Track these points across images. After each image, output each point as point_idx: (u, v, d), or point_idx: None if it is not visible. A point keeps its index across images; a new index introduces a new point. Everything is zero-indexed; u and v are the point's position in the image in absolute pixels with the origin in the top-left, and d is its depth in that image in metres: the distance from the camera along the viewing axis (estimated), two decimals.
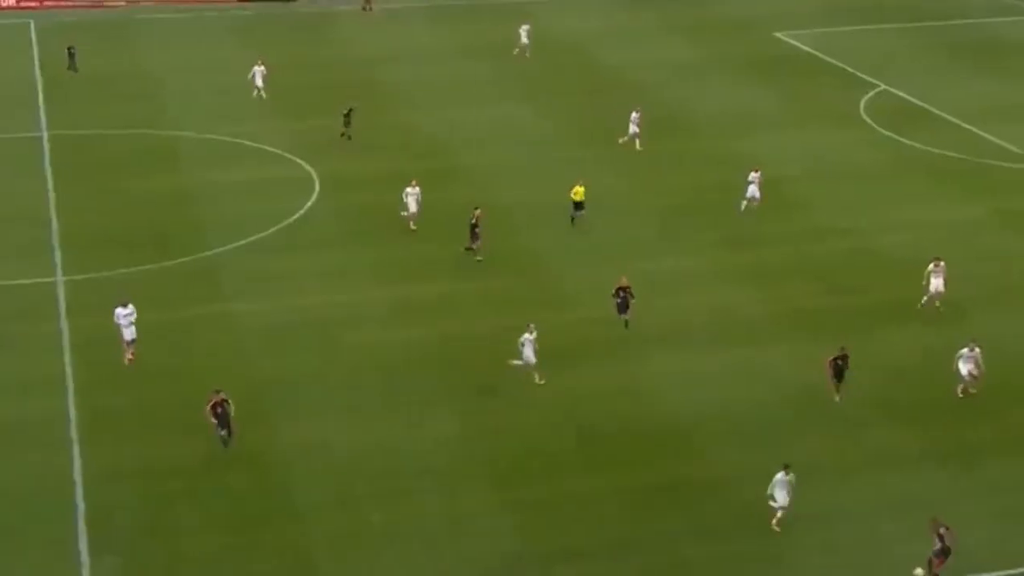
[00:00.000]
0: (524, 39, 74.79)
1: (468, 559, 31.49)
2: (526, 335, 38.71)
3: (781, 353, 40.78)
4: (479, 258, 47.19)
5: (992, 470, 34.79)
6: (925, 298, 42.87)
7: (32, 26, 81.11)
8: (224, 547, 31.72)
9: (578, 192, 49.39)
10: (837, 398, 37.68)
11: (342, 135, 59.90)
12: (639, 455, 35.67)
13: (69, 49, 70.15)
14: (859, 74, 71.54)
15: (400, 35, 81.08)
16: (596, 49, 76.40)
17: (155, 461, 35.24)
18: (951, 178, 56.07)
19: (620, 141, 58.80)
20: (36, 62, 73.07)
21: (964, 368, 37.46)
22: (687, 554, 31.66)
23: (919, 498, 33.47)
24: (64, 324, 42.69)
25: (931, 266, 42.93)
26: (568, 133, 62.00)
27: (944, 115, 64.31)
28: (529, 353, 38.67)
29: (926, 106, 65.78)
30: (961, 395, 37.70)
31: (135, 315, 39.73)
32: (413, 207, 49.63)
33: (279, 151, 59.04)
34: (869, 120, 63.77)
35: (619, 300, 41.38)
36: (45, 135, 61.23)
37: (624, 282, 41.51)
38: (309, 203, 53.08)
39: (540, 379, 38.86)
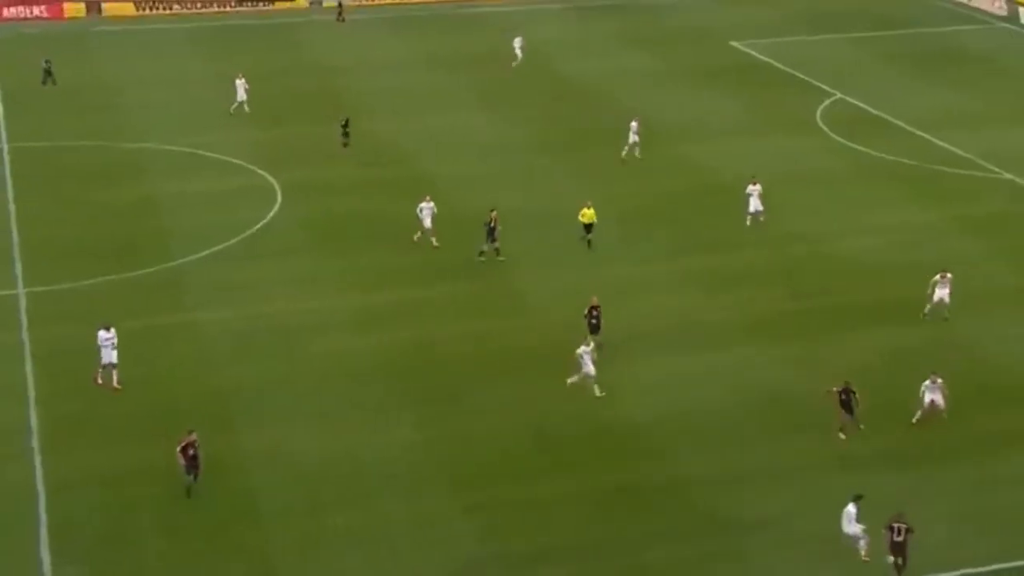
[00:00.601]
0: (519, 53, 74.79)
1: (432, 564, 31.62)
2: (583, 348, 38.57)
3: (743, 357, 41.15)
4: (501, 258, 47.76)
5: (950, 472, 35.17)
6: (928, 307, 43.14)
7: None
8: (188, 554, 31.72)
9: (586, 214, 48.67)
10: (842, 435, 36.58)
11: (344, 145, 60.09)
12: (601, 459, 35.93)
13: (45, 63, 69.63)
14: (815, 83, 72.29)
15: (366, 45, 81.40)
16: (556, 59, 76.79)
17: (118, 470, 35.23)
18: (906, 184, 56.75)
19: (623, 155, 58.87)
20: None
21: (929, 398, 36.76)
22: (650, 557, 31.85)
23: (879, 499, 33.76)
24: (25, 335, 42.63)
25: (937, 277, 43.12)
26: (530, 141, 62.33)
27: (899, 123, 65.09)
28: (589, 365, 38.42)
29: (881, 114, 66.55)
30: (916, 422, 37.00)
31: (116, 339, 38.96)
32: (428, 222, 49.01)
33: (241, 162, 59.11)
34: (825, 128, 64.47)
35: (593, 320, 40.90)
36: (5, 147, 61.05)
37: (595, 301, 41.20)
38: (272, 212, 53.19)
39: (600, 392, 38.59)
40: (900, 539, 30.50)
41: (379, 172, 58.19)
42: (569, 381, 38.76)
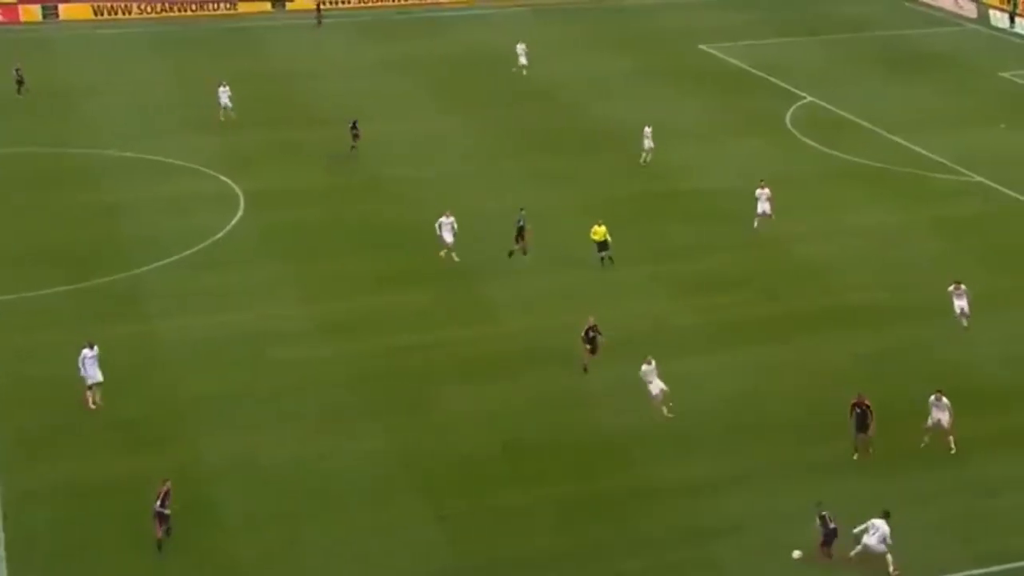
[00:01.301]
0: (523, 59, 73.96)
1: (402, 572, 31.04)
2: (644, 366, 37.53)
3: (715, 362, 40.65)
4: (526, 256, 47.25)
5: (922, 479, 34.70)
6: (966, 322, 42.48)
7: None
8: (152, 567, 30.96)
9: (597, 232, 47.29)
10: (855, 456, 35.36)
11: (352, 148, 59.33)
12: (572, 467, 35.34)
13: (16, 71, 68.45)
14: (785, 86, 72.05)
15: (335, 49, 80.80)
16: (515, 60, 76.09)
17: (79, 482, 34.43)
18: (877, 187, 56.48)
19: (642, 161, 58.25)
20: None
21: (936, 417, 35.56)
22: (622, 566, 31.30)
23: (852, 505, 33.32)
24: None
25: (951, 288, 42.58)
26: (497, 146, 61.82)
27: (870, 126, 64.86)
28: (656, 384, 37.44)
29: (852, 117, 66.31)
30: (924, 446, 35.92)
31: (99, 356, 37.74)
32: (449, 237, 47.60)
33: (203, 168, 58.26)
34: (795, 131, 64.17)
35: (588, 340, 39.70)
36: None
37: (592, 321, 39.97)
38: (234, 220, 52.34)
39: (669, 412, 37.52)
40: (834, 526, 30.71)
41: (343, 178, 57.43)
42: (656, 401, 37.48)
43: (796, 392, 39.05)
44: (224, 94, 64.48)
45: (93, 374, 37.65)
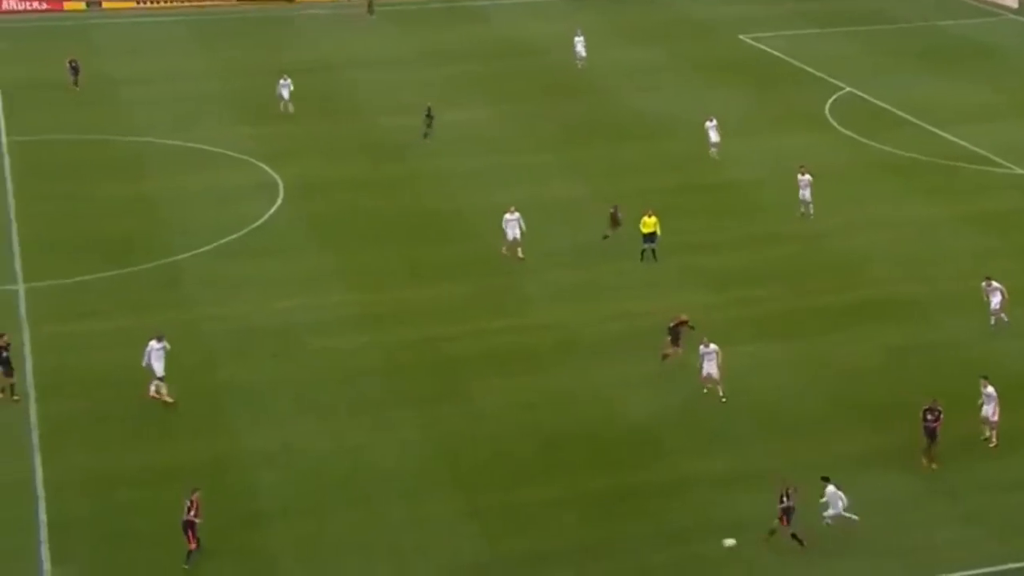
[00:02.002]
0: (581, 51, 73.17)
1: (434, 565, 31.26)
2: (702, 348, 37.94)
3: (746, 355, 40.55)
4: (606, 239, 47.68)
5: (956, 473, 34.68)
6: (994, 319, 42.24)
7: None
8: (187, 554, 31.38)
9: (647, 223, 47.16)
10: (924, 461, 34.77)
11: (424, 136, 59.73)
12: (602, 460, 35.53)
13: (71, 63, 69.10)
14: (824, 76, 71.72)
15: (379, 39, 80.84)
16: (559, 52, 76.22)
17: (118, 469, 34.92)
18: (916, 180, 56.22)
19: (711, 154, 58.03)
20: None
21: (987, 410, 35.49)
22: (652, 559, 31.48)
23: (883, 499, 33.45)
24: (25, 331, 42.22)
25: (983, 284, 42.35)
26: (531, 138, 61.85)
27: (909, 117, 64.47)
28: (711, 368, 37.79)
29: (891, 108, 65.96)
30: (986, 440, 35.85)
31: (168, 347, 37.98)
32: (514, 234, 47.06)
33: (244, 156, 58.72)
34: (834, 122, 63.93)
35: (673, 334, 39.52)
36: (4, 141, 60.67)
37: (683, 317, 39.86)
38: (273, 208, 52.78)
39: (723, 396, 38.00)
40: (790, 503, 31.10)
41: (384, 168, 57.74)
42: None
43: (827, 386, 39.07)
44: (285, 87, 64.70)
45: (157, 368, 37.74)
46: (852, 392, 38.73)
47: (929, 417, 34.49)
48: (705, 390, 38.22)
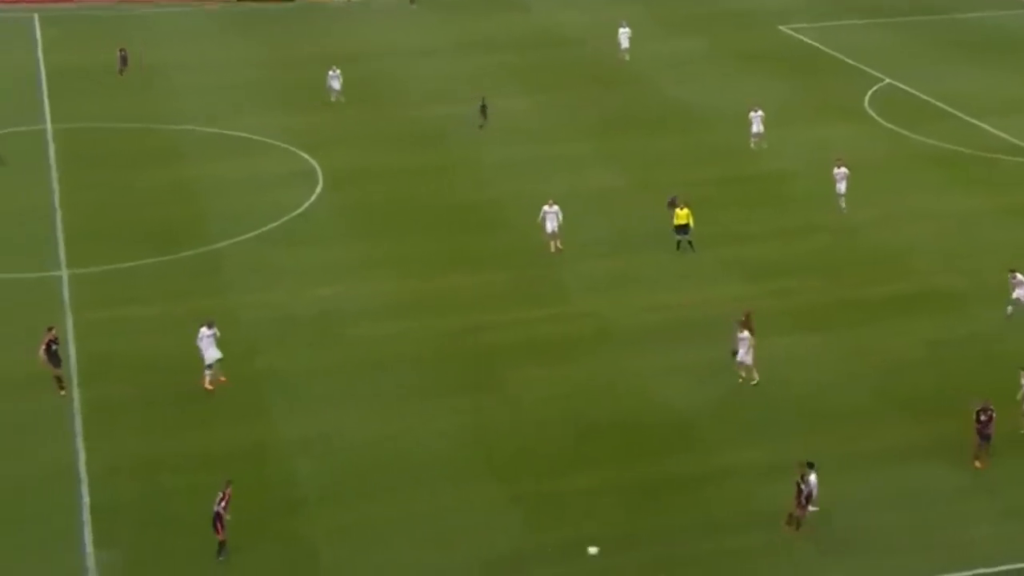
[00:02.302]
0: (625, 43, 72.83)
1: (472, 553, 31.43)
2: (739, 334, 38.26)
3: (783, 347, 40.58)
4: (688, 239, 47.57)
5: (996, 467, 34.52)
6: (1010, 308, 42.07)
7: (36, 20, 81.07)
8: (230, 539, 31.62)
9: (679, 215, 47.13)
10: (977, 464, 34.40)
11: (480, 127, 60.02)
12: (640, 449, 35.63)
13: (121, 52, 69.63)
14: (864, 68, 71.43)
15: (419, 29, 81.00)
16: (598, 43, 76.23)
17: (159, 454, 35.29)
18: (956, 172, 55.97)
19: (753, 146, 58.06)
20: (40, 55, 73.09)
21: None
22: (694, 548, 31.56)
23: (924, 493, 33.44)
24: (68, 317, 42.71)
25: (1009, 277, 42.24)
26: (570, 128, 61.93)
27: (950, 109, 64.17)
28: (744, 355, 38.07)
29: (932, 100, 65.64)
30: None
31: (219, 334, 38.42)
32: (552, 226, 46.96)
33: (284, 144, 59.09)
34: (874, 114, 63.69)
35: (742, 328, 39.10)
36: (49, 128, 61.27)
37: (748, 311, 39.59)
38: (313, 196, 53.11)
39: (755, 380, 38.31)
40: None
41: (423, 157, 57.96)
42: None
43: (866, 378, 39.00)
44: (334, 78, 64.91)
45: (211, 353, 38.14)
46: (891, 384, 38.68)
47: (983, 418, 34.13)
48: (740, 379, 38.28)
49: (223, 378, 38.46)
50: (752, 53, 74.81)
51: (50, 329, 37.92)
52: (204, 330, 38.34)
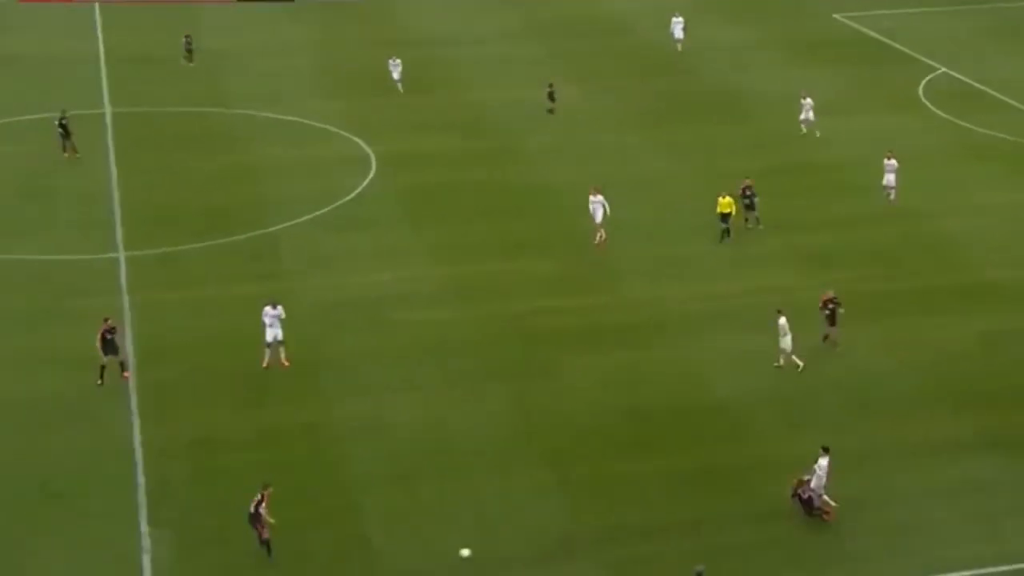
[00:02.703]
0: (679, 34, 72.23)
1: (521, 536, 31.73)
2: (781, 320, 38.51)
3: (835, 336, 40.57)
4: (761, 227, 47.79)
5: None
6: None
7: (96, 7, 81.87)
8: (280, 520, 31.94)
9: (722, 204, 47.02)
10: None
11: (549, 111, 60.37)
12: (689, 437, 35.80)
13: (186, 39, 70.34)
14: (919, 56, 70.90)
15: (461, 16, 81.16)
16: (647, 30, 76.06)
17: (213, 434, 35.84)
18: (1011, 162, 55.50)
19: (803, 131, 58.06)
20: (100, 41, 73.93)
21: None
22: (742, 536, 31.68)
23: (973, 484, 33.38)
24: (126, 299, 43.36)
25: None
26: (620, 115, 61.91)
27: (1004, 98, 63.63)
28: (783, 338, 38.35)
29: (988, 89, 65.09)
30: None
31: (284, 315, 38.97)
32: (598, 216, 46.79)
33: (337, 129, 59.51)
34: (928, 103, 63.24)
35: (827, 312, 39.83)
36: (108, 112, 62.02)
37: (830, 294, 39.99)
38: (366, 181, 53.50)
39: (790, 366, 38.64)
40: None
41: (474, 143, 58.21)
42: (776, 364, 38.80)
43: (918, 369, 38.91)
44: (395, 67, 65.16)
45: (275, 333, 38.76)
46: (944, 376, 38.57)
47: None
48: (777, 366, 38.47)
49: (286, 362, 38.90)
50: (806, 41, 74.39)
51: (106, 320, 38.42)
52: (268, 309, 38.93)
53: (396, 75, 65.07)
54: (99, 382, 37.93)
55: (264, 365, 38.78)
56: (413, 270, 45.59)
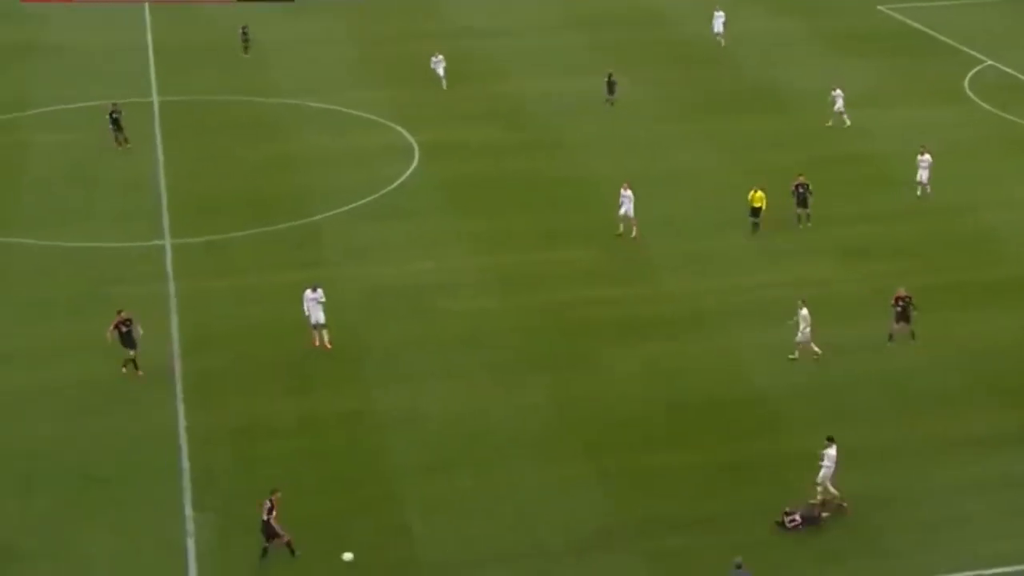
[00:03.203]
0: (719, 28, 71.56)
1: (559, 526, 32.04)
2: (803, 310, 38.76)
3: (874, 331, 40.55)
4: (810, 224, 47.72)
5: None
6: None
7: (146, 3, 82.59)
8: (318, 509, 32.51)
9: (755, 197, 47.16)
10: None
11: (607, 102, 60.81)
12: (728, 429, 35.98)
13: (243, 30, 70.90)
14: (964, 48, 70.43)
15: (501, 7, 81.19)
16: (688, 21, 75.95)
17: (256, 422, 36.37)
18: None
19: (829, 123, 58.16)
20: (148, 31, 74.65)
21: None
22: (777, 530, 31.82)
23: (1009, 480, 33.39)
24: (171, 286, 43.98)
25: None
26: (663, 107, 61.91)
27: None
28: (801, 329, 38.65)
29: None
30: None
31: (324, 298, 39.62)
32: (626, 209, 46.84)
33: (381, 119, 59.91)
34: (973, 96, 62.88)
35: (899, 309, 39.83)
36: (156, 101, 62.71)
37: (903, 292, 39.96)
38: (409, 171, 53.89)
39: (817, 353, 38.97)
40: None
41: (515, 134, 58.44)
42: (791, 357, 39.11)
43: (958, 363, 38.91)
44: (438, 63, 65.28)
45: (317, 316, 39.51)
46: (983, 370, 38.55)
47: None
48: (792, 357, 38.69)
49: (328, 344, 39.51)
50: (850, 33, 74.00)
51: (119, 312, 38.60)
52: (308, 293, 39.58)
53: (440, 71, 65.20)
54: (138, 372, 38.26)
55: (315, 344, 39.42)
56: (454, 260, 45.95)
